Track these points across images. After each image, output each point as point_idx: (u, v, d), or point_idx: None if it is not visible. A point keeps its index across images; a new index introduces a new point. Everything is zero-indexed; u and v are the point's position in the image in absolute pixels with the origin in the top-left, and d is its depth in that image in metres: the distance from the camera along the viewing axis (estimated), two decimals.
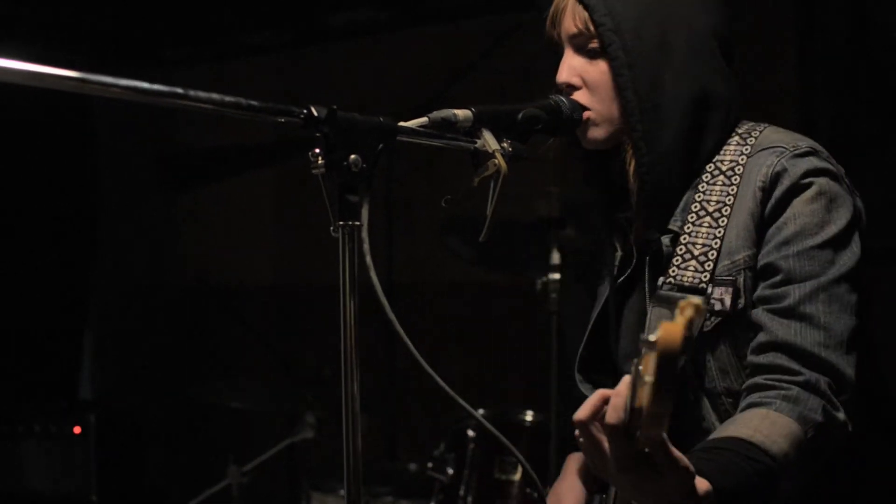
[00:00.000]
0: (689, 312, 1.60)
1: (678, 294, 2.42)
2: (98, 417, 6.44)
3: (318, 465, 5.40)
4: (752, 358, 2.33)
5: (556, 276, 4.42)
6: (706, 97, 2.48)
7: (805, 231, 2.34)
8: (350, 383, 1.95)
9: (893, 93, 5.22)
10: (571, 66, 2.51)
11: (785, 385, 2.24)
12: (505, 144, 2.24)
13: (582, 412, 1.95)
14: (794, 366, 2.26)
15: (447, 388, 2.07)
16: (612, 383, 2.63)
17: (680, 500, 1.95)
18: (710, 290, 2.39)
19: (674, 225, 2.49)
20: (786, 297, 2.32)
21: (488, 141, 2.21)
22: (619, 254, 2.69)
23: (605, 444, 1.91)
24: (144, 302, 7.39)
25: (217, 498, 5.46)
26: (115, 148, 7.36)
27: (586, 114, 2.50)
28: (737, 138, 2.52)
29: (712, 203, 2.45)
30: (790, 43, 5.53)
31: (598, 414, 1.94)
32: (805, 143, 2.44)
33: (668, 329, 1.58)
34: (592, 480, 2.79)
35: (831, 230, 2.35)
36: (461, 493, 4.57)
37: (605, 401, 1.92)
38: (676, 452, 1.89)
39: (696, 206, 2.47)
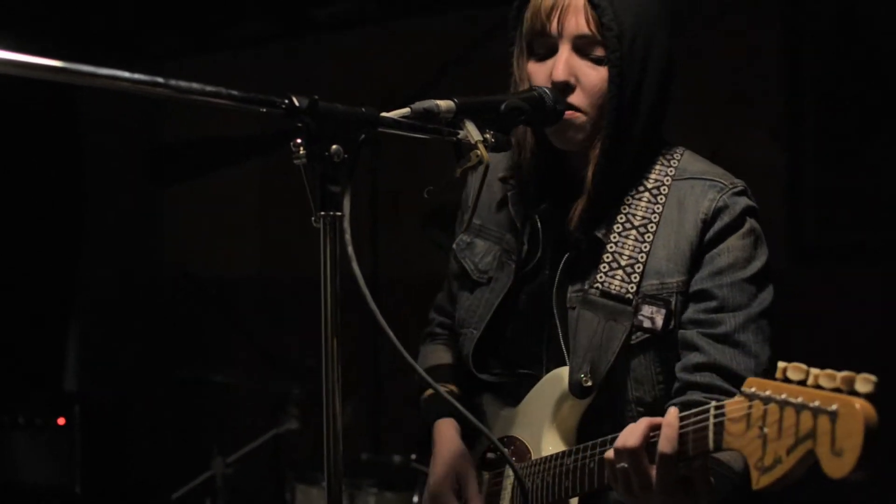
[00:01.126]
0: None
1: (605, 300, 2.52)
2: (82, 409, 6.44)
3: (302, 457, 5.40)
4: (686, 375, 2.47)
5: None
6: (659, 119, 2.59)
7: (737, 264, 2.49)
8: (331, 373, 1.94)
9: (879, 85, 5.22)
10: (570, 66, 2.51)
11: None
12: (488, 135, 2.24)
13: (633, 440, 2.14)
14: (729, 387, 2.39)
15: (427, 378, 2.08)
16: (507, 375, 2.67)
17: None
18: (635, 303, 2.50)
19: (598, 232, 2.57)
20: (721, 324, 2.47)
21: (471, 132, 2.21)
22: (525, 247, 2.73)
23: (651, 470, 2.12)
24: (130, 294, 7.39)
25: (201, 489, 5.46)
26: (101, 140, 7.35)
27: (571, 114, 2.51)
28: (660, 159, 2.62)
29: (637, 218, 2.56)
30: (775, 35, 5.53)
31: (648, 439, 2.13)
32: (737, 180, 2.58)
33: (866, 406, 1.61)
34: (483, 463, 2.80)
35: (757, 265, 2.51)
36: None
37: (653, 428, 2.13)
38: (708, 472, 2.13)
39: (622, 218, 2.57)
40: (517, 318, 2.73)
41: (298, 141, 1.94)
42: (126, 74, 1.80)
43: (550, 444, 2.56)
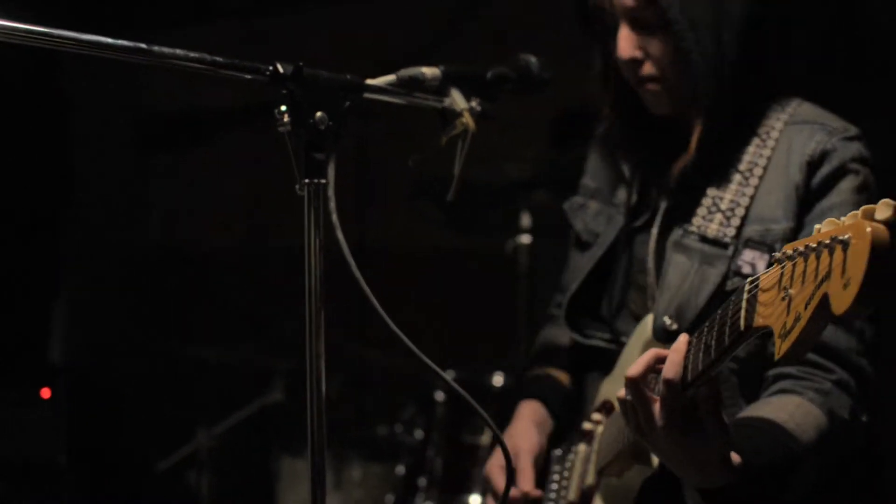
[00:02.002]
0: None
1: (701, 244, 2.44)
2: (68, 381, 6.42)
3: (288, 428, 5.40)
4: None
5: (526, 238, 4.42)
6: (757, 62, 2.49)
7: None
8: (314, 343, 1.94)
9: (871, 67, 5.22)
10: (631, 41, 2.49)
11: (818, 380, 2.27)
12: (473, 103, 2.23)
13: (635, 368, 1.97)
14: (829, 364, 2.27)
15: (415, 349, 2.05)
16: (605, 331, 2.62)
17: (716, 464, 1.98)
18: (734, 247, 2.40)
19: (700, 177, 2.51)
20: None
21: (456, 100, 2.20)
22: (633, 199, 2.68)
23: (655, 402, 1.95)
24: (116, 265, 7.36)
25: (187, 461, 5.45)
26: (87, 111, 7.31)
27: (650, 87, 2.50)
28: (774, 105, 2.53)
29: (743, 162, 2.47)
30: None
31: (651, 371, 1.98)
32: (853, 128, 2.45)
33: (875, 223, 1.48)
34: (557, 439, 2.79)
35: None
36: (430, 455, 4.58)
37: (658, 359, 1.97)
38: (723, 415, 1.94)
39: (724, 162, 2.49)
40: (620, 275, 2.68)
41: (283, 108, 1.92)
42: (109, 41, 1.79)
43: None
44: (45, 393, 6.23)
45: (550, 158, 4.79)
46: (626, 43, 2.49)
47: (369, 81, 2.07)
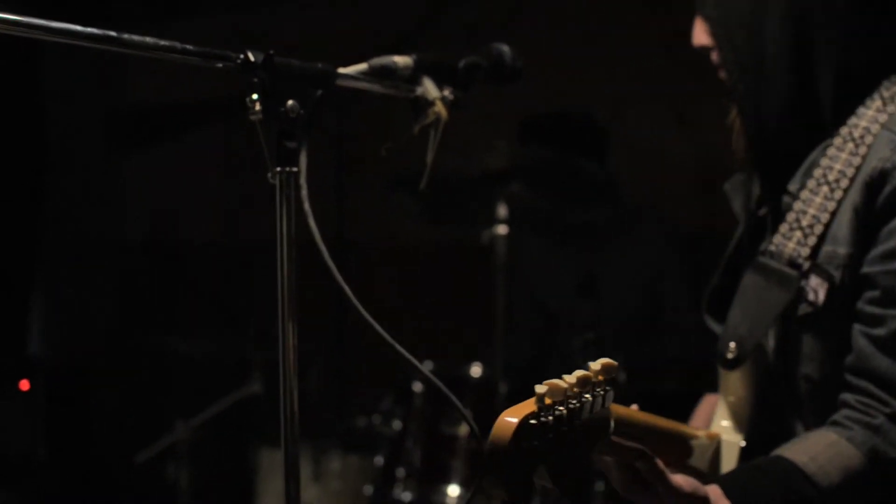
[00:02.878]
0: (539, 394, 1.59)
1: (776, 264, 2.33)
2: (46, 373, 6.42)
3: (266, 420, 5.39)
4: (847, 375, 2.24)
5: (503, 230, 4.42)
6: (812, 52, 2.31)
7: None
8: (288, 334, 1.94)
9: None
10: (701, 28, 2.47)
11: (873, 413, 2.19)
12: (446, 92, 2.22)
13: None
14: (885, 396, 2.18)
15: (390, 340, 2.04)
16: None
17: None
18: (806, 269, 2.27)
19: (792, 187, 2.36)
20: (882, 324, 2.19)
21: (429, 88, 2.19)
22: (752, 205, 2.58)
23: (610, 471, 1.98)
24: (93, 258, 7.35)
25: (165, 453, 5.45)
26: (63, 104, 7.30)
27: (721, 75, 2.45)
28: (878, 102, 2.31)
29: (835, 171, 2.27)
30: None
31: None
32: None
33: (500, 424, 1.57)
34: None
35: None
36: (408, 446, 4.58)
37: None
38: (678, 481, 1.96)
39: (818, 172, 2.31)
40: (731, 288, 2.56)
41: (254, 97, 1.92)
42: (80, 29, 1.78)
43: (722, 417, 2.46)
44: (24, 385, 6.22)
45: (526, 150, 4.80)
46: (696, 30, 2.48)
47: (341, 70, 2.07)
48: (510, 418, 1.56)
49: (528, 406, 1.58)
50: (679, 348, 4.88)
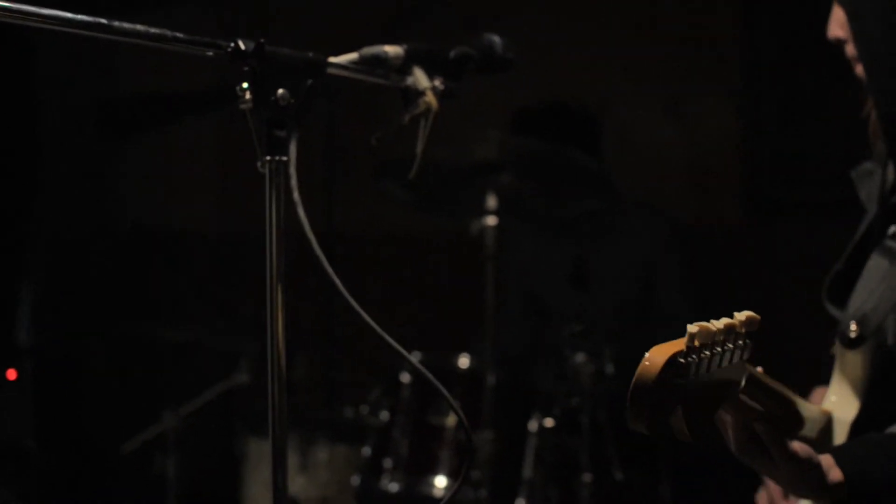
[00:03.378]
0: (691, 333, 1.59)
1: None
2: (34, 362, 6.40)
3: (254, 410, 5.39)
4: None
5: (492, 220, 4.42)
6: None
7: None
8: (276, 322, 1.93)
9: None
10: (837, 20, 2.45)
11: None
12: (437, 82, 2.22)
13: None
14: None
15: (379, 330, 2.03)
16: None
17: (805, 487, 2.03)
18: None
19: None
20: None
21: (419, 78, 2.19)
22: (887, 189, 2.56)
23: (727, 429, 1.98)
24: (83, 247, 7.33)
25: (153, 443, 5.44)
26: (56, 92, 7.28)
27: (857, 69, 2.42)
28: None
29: None
30: None
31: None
32: None
33: (646, 362, 1.57)
34: None
35: None
36: (395, 437, 4.58)
37: None
38: (794, 447, 1.96)
39: None
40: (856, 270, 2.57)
41: (244, 85, 1.92)
42: (68, 15, 1.77)
43: (834, 394, 2.47)
44: (11, 374, 6.21)
45: (516, 140, 4.79)
46: (832, 22, 2.46)
47: (331, 59, 2.06)
48: (659, 354, 1.56)
49: (678, 344, 1.58)
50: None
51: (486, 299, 4.43)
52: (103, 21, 1.79)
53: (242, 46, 1.90)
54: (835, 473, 2.04)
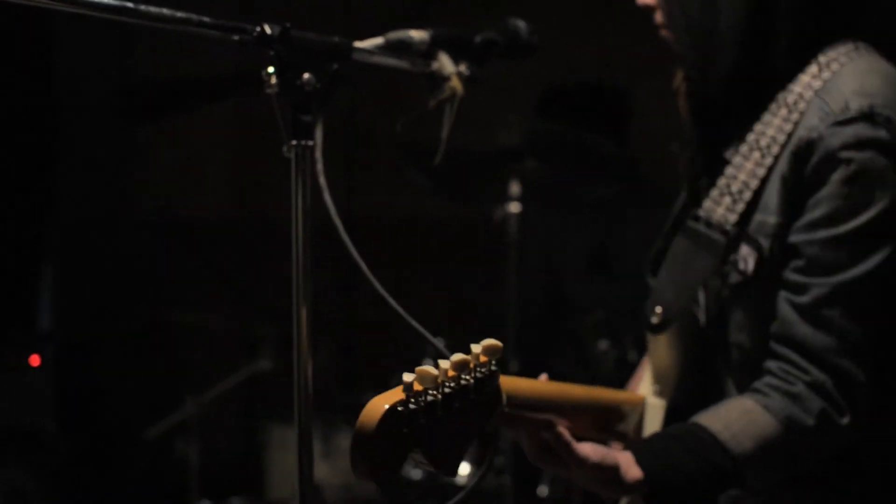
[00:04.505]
0: (407, 382, 1.61)
1: (704, 229, 2.33)
2: (56, 347, 6.42)
3: (276, 397, 5.40)
4: (771, 343, 2.24)
5: (516, 206, 4.41)
6: (770, 19, 2.29)
7: (835, 216, 2.16)
8: (301, 307, 1.93)
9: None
10: None
11: (791, 380, 2.19)
12: (462, 67, 2.21)
13: None
14: (804, 364, 2.18)
15: (406, 316, 2.02)
16: None
17: (605, 487, 2.07)
18: (734, 236, 2.28)
19: (726, 152, 2.36)
20: (805, 291, 2.18)
21: (444, 63, 2.18)
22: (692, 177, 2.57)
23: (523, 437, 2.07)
24: (104, 232, 7.34)
25: (175, 429, 5.45)
26: (75, 77, 7.28)
27: (664, 33, 2.44)
28: (815, 67, 2.28)
29: (767, 137, 2.27)
30: None
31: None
32: (862, 101, 2.19)
33: (365, 412, 1.59)
34: None
35: (864, 218, 2.16)
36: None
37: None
38: (584, 450, 2.01)
39: (752, 137, 2.30)
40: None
41: (270, 70, 1.91)
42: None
43: (648, 381, 2.49)
44: (34, 360, 6.22)
45: (540, 126, 4.78)
46: None
47: (357, 44, 2.06)
48: (375, 407, 1.58)
49: (396, 394, 1.60)
50: None
51: (508, 285, 4.43)
52: (129, 5, 1.79)
53: (268, 31, 1.89)
54: (634, 471, 2.07)
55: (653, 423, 2.41)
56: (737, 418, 2.17)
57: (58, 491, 6.02)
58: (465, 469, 4.42)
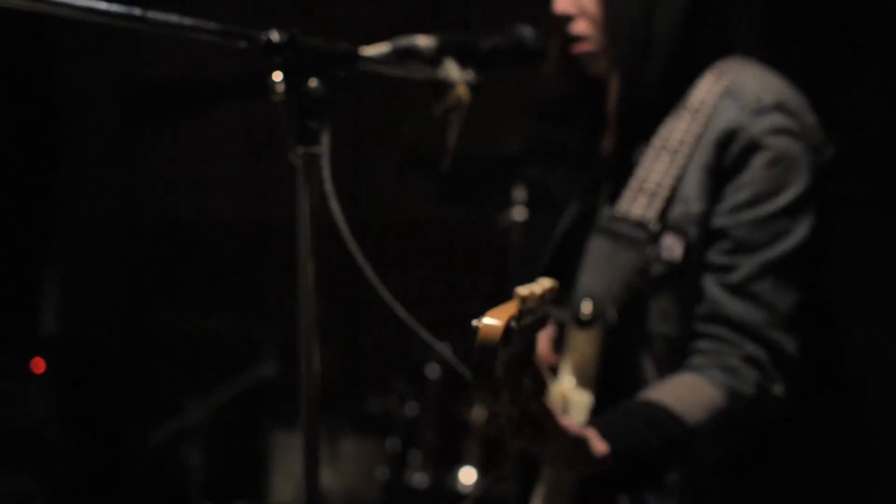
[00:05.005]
0: (523, 296, 1.60)
1: (624, 227, 2.43)
2: (60, 352, 6.42)
3: (280, 402, 5.40)
4: (699, 325, 2.34)
5: (519, 213, 4.41)
6: (695, 34, 2.47)
7: (759, 198, 2.32)
8: (307, 314, 1.93)
9: (859, 34, 5.21)
10: None
11: (725, 355, 2.28)
12: (468, 75, 2.22)
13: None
14: (736, 338, 2.28)
15: (414, 323, 2.02)
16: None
17: (575, 462, 2.09)
18: (656, 230, 2.38)
19: (633, 156, 2.49)
20: (734, 270, 2.31)
21: (451, 70, 2.19)
22: (587, 181, 2.70)
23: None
24: (108, 236, 7.35)
25: (179, 434, 5.46)
26: (78, 81, 7.29)
27: (577, 47, 2.52)
28: (710, 77, 2.47)
29: (673, 141, 2.42)
30: None
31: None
32: (771, 96, 2.39)
33: (488, 322, 1.56)
34: None
35: (785, 198, 2.32)
36: (423, 429, 4.59)
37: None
38: (565, 422, 2.01)
39: (658, 141, 2.45)
40: (572, 258, 2.67)
41: (277, 77, 1.92)
42: (102, 6, 1.77)
43: (567, 374, 2.50)
44: (38, 365, 6.22)
45: (544, 132, 4.78)
46: None
47: (363, 50, 2.06)
48: (499, 316, 1.56)
49: (511, 308, 1.59)
50: None
51: (511, 290, 4.43)
52: (137, 12, 1.80)
53: (275, 38, 1.89)
54: (600, 446, 2.10)
55: (578, 415, 2.45)
56: (685, 392, 2.24)
57: (62, 496, 6.03)
58: (468, 475, 4.43)
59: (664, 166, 2.41)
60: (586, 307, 2.42)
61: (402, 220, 6.27)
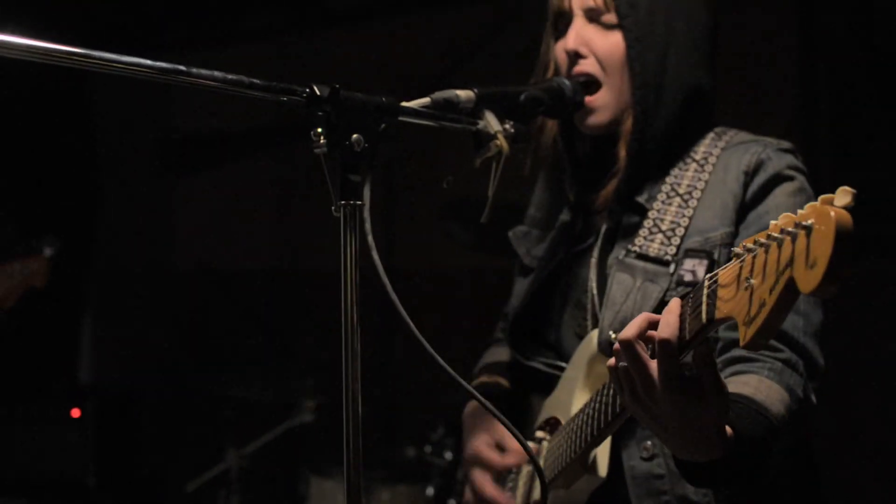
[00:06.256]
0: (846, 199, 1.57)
1: (644, 263, 2.48)
2: (97, 401, 6.45)
3: (317, 450, 5.41)
4: (730, 333, 2.35)
5: None
6: (699, 89, 2.56)
7: None
8: (350, 365, 1.94)
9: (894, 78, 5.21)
10: (581, 35, 2.56)
11: (769, 360, 2.27)
12: (507, 126, 2.24)
13: (629, 331, 1.94)
14: (778, 344, 2.29)
15: (447, 368, 1.98)
16: (546, 354, 2.66)
17: (713, 432, 1.96)
18: (675, 263, 2.45)
19: (640, 199, 2.56)
20: None
21: (490, 122, 2.21)
22: (579, 224, 2.75)
23: (652, 364, 1.91)
24: (144, 285, 7.39)
25: (216, 482, 5.47)
26: (115, 131, 7.35)
27: (590, 99, 2.54)
28: (712, 135, 2.60)
29: (683, 187, 2.53)
30: (791, 27, 5.52)
31: (645, 333, 1.94)
32: (785, 144, 2.55)
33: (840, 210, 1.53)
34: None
35: None
36: (459, 477, 4.58)
37: (651, 323, 1.94)
38: (721, 377, 1.92)
39: (666, 188, 2.54)
40: (562, 297, 2.71)
41: (319, 130, 1.93)
42: (148, 63, 1.81)
43: (579, 405, 2.46)
44: (75, 412, 6.25)
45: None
46: (576, 36, 2.56)
47: (404, 104, 2.08)
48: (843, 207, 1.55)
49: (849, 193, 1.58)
50: None
51: None
52: (182, 68, 1.82)
53: (318, 92, 1.91)
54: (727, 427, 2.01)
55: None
56: (758, 384, 2.21)
57: None
58: None
59: (676, 208, 2.51)
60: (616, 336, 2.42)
61: (438, 269, 6.28)
